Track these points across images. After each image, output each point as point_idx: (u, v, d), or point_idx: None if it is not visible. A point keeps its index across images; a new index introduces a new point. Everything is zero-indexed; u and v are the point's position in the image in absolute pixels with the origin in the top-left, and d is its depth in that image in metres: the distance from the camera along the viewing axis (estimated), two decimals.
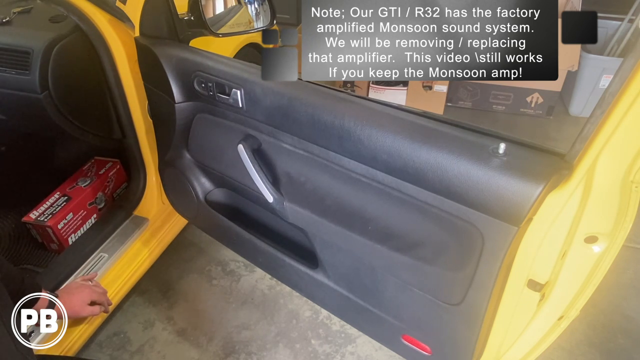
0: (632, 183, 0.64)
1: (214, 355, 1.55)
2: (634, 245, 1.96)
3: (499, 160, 0.72)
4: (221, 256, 1.91)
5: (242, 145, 1.02)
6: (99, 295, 1.22)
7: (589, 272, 0.72)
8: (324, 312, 1.68)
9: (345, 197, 0.96)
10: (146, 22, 1.27)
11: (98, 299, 1.22)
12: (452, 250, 0.85)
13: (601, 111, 0.62)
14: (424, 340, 1.04)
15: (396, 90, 3.08)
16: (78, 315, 1.17)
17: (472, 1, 0.69)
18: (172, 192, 1.51)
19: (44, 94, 1.32)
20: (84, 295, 1.18)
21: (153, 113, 1.40)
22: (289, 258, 1.20)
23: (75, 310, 1.14)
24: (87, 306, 1.18)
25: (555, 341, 0.83)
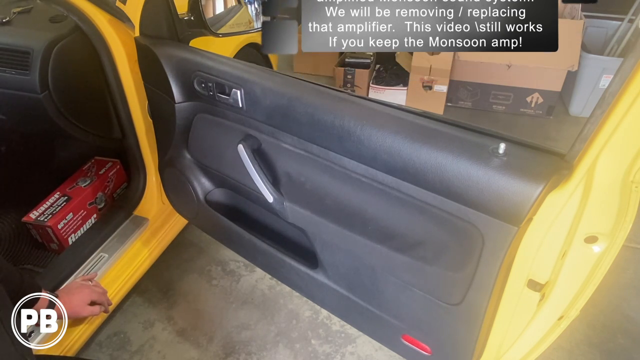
0: (632, 183, 0.64)
1: (214, 355, 1.55)
2: (634, 245, 1.96)
3: (499, 160, 0.72)
4: (221, 256, 1.91)
5: (242, 145, 1.02)
6: (98, 295, 1.22)
7: (589, 272, 0.72)
8: (324, 312, 1.68)
9: (345, 197, 0.96)
10: (146, 22, 1.27)
11: (98, 299, 1.22)
12: (452, 250, 0.85)
13: (601, 111, 0.62)
14: (424, 340, 1.04)
15: (396, 90, 3.08)
16: (78, 315, 1.17)
17: None
18: (172, 192, 1.51)
19: (44, 94, 1.32)
20: (83, 295, 1.18)
21: (153, 113, 1.40)
22: (289, 258, 1.20)
23: (75, 310, 1.14)
24: (87, 306, 1.18)
25: (555, 341, 0.83)
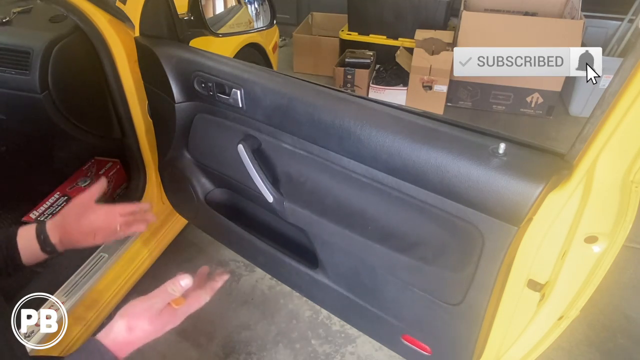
0: (632, 183, 0.64)
1: (214, 355, 1.55)
2: (634, 245, 1.96)
3: (499, 160, 0.72)
4: (221, 256, 1.91)
5: (242, 145, 1.02)
6: (108, 219, 0.94)
7: (589, 272, 0.72)
8: (324, 312, 1.68)
9: (345, 197, 0.96)
10: (146, 22, 1.27)
11: (105, 224, 0.94)
12: (452, 250, 0.85)
13: (601, 111, 0.62)
14: (424, 340, 1.04)
15: (396, 90, 3.08)
16: (79, 246, 0.93)
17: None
18: (172, 192, 1.51)
19: (44, 94, 1.32)
20: (88, 221, 0.92)
21: (153, 113, 1.40)
22: (289, 258, 1.20)
23: (73, 239, 0.91)
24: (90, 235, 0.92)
25: (555, 341, 0.83)
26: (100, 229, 0.93)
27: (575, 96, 2.98)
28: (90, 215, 0.92)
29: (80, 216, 0.91)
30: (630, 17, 2.94)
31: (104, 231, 0.94)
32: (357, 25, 3.33)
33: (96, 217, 0.92)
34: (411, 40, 3.07)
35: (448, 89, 2.98)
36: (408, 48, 3.16)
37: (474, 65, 0.86)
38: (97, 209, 0.94)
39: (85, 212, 0.92)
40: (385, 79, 3.17)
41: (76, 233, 0.91)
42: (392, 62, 3.18)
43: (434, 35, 2.93)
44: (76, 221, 0.90)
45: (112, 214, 0.95)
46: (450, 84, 2.97)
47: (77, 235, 0.91)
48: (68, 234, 0.90)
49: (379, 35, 3.29)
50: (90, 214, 0.92)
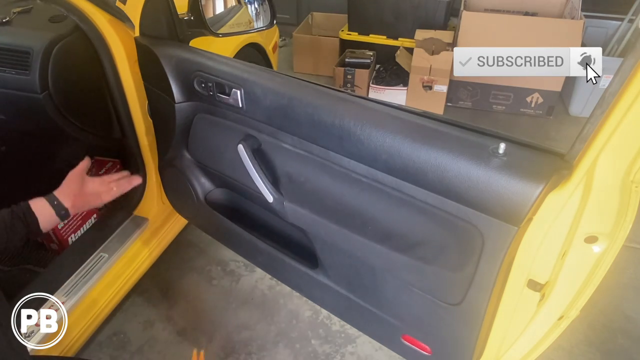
0: (632, 183, 0.64)
1: (214, 355, 1.55)
2: (634, 245, 1.96)
3: (499, 160, 0.72)
4: (221, 256, 1.91)
5: (242, 145, 1.02)
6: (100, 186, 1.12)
7: (589, 272, 0.72)
8: (324, 312, 1.68)
9: (345, 197, 0.96)
10: (146, 22, 1.27)
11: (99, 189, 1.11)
12: (452, 250, 0.85)
13: (601, 111, 0.62)
14: (424, 340, 1.04)
15: (396, 90, 3.08)
16: (88, 207, 1.09)
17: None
18: (172, 192, 1.51)
19: (43, 94, 1.32)
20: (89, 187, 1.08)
21: (153, 113, 1.40)
22: (289, 258, 1.20)
23: (84, 200, 1.05)
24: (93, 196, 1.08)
25: (555, 341, 0.83)
26: (101, 191, 1.10)
27: (575, 96, 2.98)
28: (89, 183, 1.08)
29: (81, 184, 1.06)
30: (630, 17, 2.94)
31: (104, 193, 1.11)
32: (357, 25, 3.33)
33: (93, 183, 1.10)
34: (411, 40, 3.07)
35: (448, 89, 2.98)
36: (408, 48, 3.16)
37: (474, 65, 0.87)
38: (92, 179, 1.10)
39: (83, 180, 1.07)
40: (385, 79, 3.17)
41: (84, 195, 1.05)
42: (392, 62, 3.18)
43: (434, 35, 2.93)
44: (80, 188, 1.05)
45: (105, 180, 1.14)
46: (450, 84, 2.97)
47: (87, 197, 1.06)
48: (78, 197, 1.03)
49: (379, 35, 3.29)
50: (88, 182, 1.08)
